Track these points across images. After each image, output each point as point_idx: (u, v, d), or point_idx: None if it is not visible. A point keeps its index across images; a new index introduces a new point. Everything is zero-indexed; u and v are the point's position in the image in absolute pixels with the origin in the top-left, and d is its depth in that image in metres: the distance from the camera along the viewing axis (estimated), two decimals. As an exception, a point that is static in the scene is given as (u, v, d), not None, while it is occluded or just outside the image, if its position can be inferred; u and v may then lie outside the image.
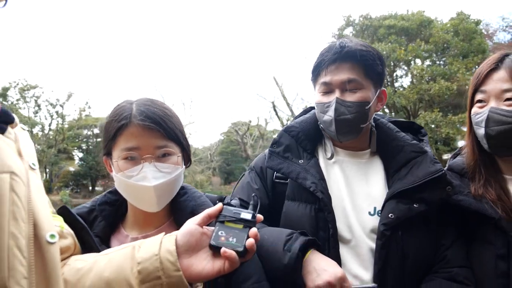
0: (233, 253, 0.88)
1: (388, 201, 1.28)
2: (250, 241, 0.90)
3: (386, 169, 1.39)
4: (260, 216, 0.97)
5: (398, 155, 1.36)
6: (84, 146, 33.89)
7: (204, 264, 0.89)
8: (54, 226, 0.84)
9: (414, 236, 1.25)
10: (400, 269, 1.22)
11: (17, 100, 32.64)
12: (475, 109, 1.32)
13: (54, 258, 0.79)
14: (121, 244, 1.11)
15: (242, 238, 0.91)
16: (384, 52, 16.90)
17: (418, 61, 18.70)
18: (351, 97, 1.33)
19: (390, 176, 1.36)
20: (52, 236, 0.80)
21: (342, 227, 1.29)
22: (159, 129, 1.11)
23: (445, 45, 17.21)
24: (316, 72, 1.41)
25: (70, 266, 0.94)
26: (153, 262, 0.87)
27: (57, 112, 32.23)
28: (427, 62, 18.74)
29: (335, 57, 1.35)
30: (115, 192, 1.25)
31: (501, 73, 1.27)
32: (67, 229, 1.00)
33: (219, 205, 0.97)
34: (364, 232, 1.28)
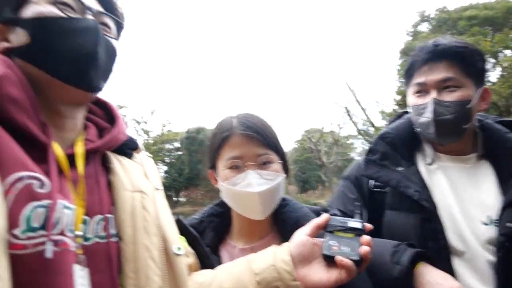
0: (350, 262, 0.87)
1: (506, 209, 1.16)
2: (365, 249, 0.89)
3: (498, 174, 1.27)
4: (369, 225, 0.96)
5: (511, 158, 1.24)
6: (167, 160, 36.00)
7: (320, 274, 0.90)
8: (179, 240, 0.91)
9: None
10: None
11: (108, 120, 35.84)
12: None
13: (182, 269, 0.86)
14: (230, 254, 1.17)
15: (354, 247, 0.90)
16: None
17: (508, 51, 17.02)
18: (449, 97, 1.25)
19: (504, 181, 1.24)
20: (179, 248, 0.87)
21: (453, 238, 1.20)
22: (259, 137, 1.15)
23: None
24: (409, 74, 1.36)
25: (192, 281, 1.00)
26: (270, 272, 0.90)
27: (142, 129, 34.79)
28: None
29: (429, 56, 1.29)
30: (221, 205, 1.30)
31: None
32: (189, 249, 1.08)
33: (326, 215, 0.97)
34: (479, 243, 1.18)
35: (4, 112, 0.71)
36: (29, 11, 0.79)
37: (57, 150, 0.77)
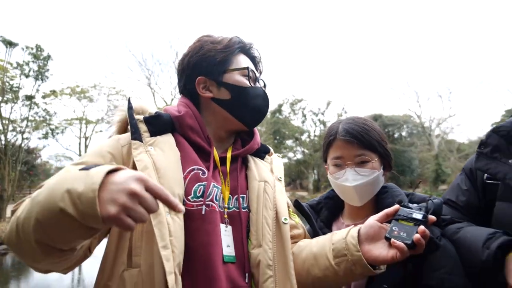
0: (402, 245, 1.07)
1: None
2: (417, 236, 1.07)
3: None
4: (432, 217, 1.12)
5: None
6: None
7: (380, 251, 1.13)
8: (287, 213, 1.29)
9: None
10: None
11: (289, 113, 38.32)
12: None
13: (286, 232, 1.24)
14: (339, 229, 1.47)
15: (411, 234, 1.08)
16: None
17: None
18: None
19: None
20: (285, 219, 1.25)
21: None
22: (356, 141, 1.40)
23: None
24: None
25: (296, 245, 1.35)
26: (341, 244, 1.19)
27: (319, 120, 36.02)
28: None
29: None
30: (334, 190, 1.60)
31: None
32: (300, 223, 1.42)
33: (396, 206, 1.17)
34: None
35: (186, 133, 1.25)
36: (230, 79, 1.30)
37: (215, 154, 1.27)
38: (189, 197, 1.14)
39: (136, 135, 1.16)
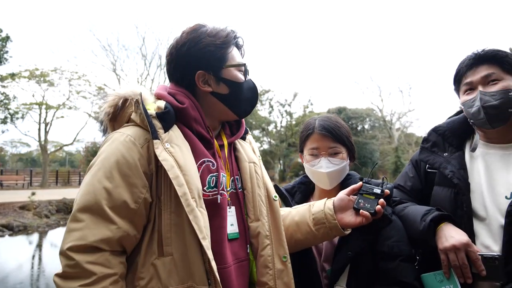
0: (367, 213, 1.41)
1: None
2: (378, 207, 1.42)
3: None
4: (387, 191, 1.46)
5: None
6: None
7: (350, 218, 1.47)
8: (275, 191, 1.54)
9: None
10: None
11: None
12: None
13: (277, 207, 1.50)
14: None
15: (373, 205, 1.43)
16: None
17: None
18: (492, 88, 1.55)
19: None
20: (276, 196, 1.51)
21: (478, 207, 1.54)
22: (331, 136, 1.71)
23: None
24: (457, 80, 1.69)
25: None
26: (320, 214, 1.50)
27: (286, 111, 36.52)
28: None
29: (471, 62, 1.62)
30: (307, 176, 1.90)
31: None
32: (276, 196, 1.66)
33: (360, 183, 1.50)
34: (500, 212, 1.49)
35: (190, 125, 1.32)
36: (228, 74, 1.37)
37: (216, 143, 1.38)
38: (205, 188, 1.27)
39: (155, 134, 1.21)
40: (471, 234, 1.51)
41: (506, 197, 1.51)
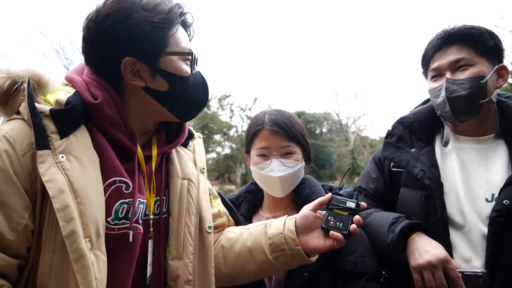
0: (340, 235, 1.05)
1: (505, 187, 1.19)
2: (354, 226, 1.06)
3: (511, 153, 1.28)
4: (363, 204, 1.11)
5: None
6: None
7: (317, 241, 1.09)
8: (211, 219, 1.16)
9: None
10: None
11: (217, 108, 38.09)
12: None
13: (210, 243, 1.12)
14: (259, 221, 1.41)
15: (347, 223, 1.07)
16: None
17: None
18: (462, 75, 1.28)
19: None
20: (210, 227, 1.13)
21: (454, 213, 1.26)
22: (283, 132, 1.36)
23: None
24: (424, 62, 1.41)
25: (224, 235, 1.25)
26: (279, 238, 1.12)
27: (246, 115, 36.34)
28: None
29: (440, 42, 1.34)
30: (255, 184, 1.55)
31: None
32: (223, 210, 1.32)
33: (329, 195, 1.14)
34: (480, 218, 1.22)
35: (103, 127, 0.96)
36: (168, 65, 1.00)
37: (140, 154, 1.02)
38: (109, 219, 0.93)
39: (42, 141, 0.85)
40: (448, 245, 1.23)
41: (486, 200, 1.24)
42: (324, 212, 1.12)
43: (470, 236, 1.23)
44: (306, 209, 1.15)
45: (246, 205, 1.52)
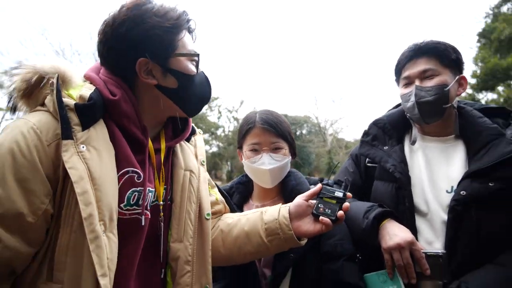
0: (328, 220, 1.10)
1: (463, 180, 1.28)
2: (341, 213, 1.11)
3: (468, 152, 1.37)
4: (349, 194, 1.16)
5: (478, 138, 1.33)
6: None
7: (308, 226, 1.14)
8: (210, 207, 1.19)
9: (490, 213, 1.22)
10: (473, 241, 1.22)
11: (206, 109, 37.94)
12: None
13: (208, 228, 1.16)
14: (249, 209, 1.46)
15: (335, 210, 1.13)
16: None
17: None
18: (429, 83, 1.37)
19: (471, 158, 1.34)
20: (208, 214, 1.17)
21: (420, 202, 1.35)
22: (273, 130, 1.42)
23: None
24: (397, 71, 1.49)
25: (223, 221, 1.29)
26: (274, 224, 1.16)
27: (233, 117, 36.32)
28: None
29: (411, 53, 1.42)
30: (246, 176, 1.60)
31: None
32: (220, 198, 1.35)
33: (319, 185, 1.19)
34: (441, 207, 1.31)
35: (120, 122, 1.00)
36: (177, 65, 1.04)
37: (151, 147, 1.06)
38: (122, 205, 0.96)
39: (67, 132, 0.88)
40: (414, 230, 1.32)
41: (447, 191, 1.33)
42: (315, 201, 1.17)
43: (432, 222, 1.31)
44: (300, 198, 1.20)
45: (238, 195, 1.58)
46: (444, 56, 1.37)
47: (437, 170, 1.39)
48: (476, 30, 19.46)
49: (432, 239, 1.30)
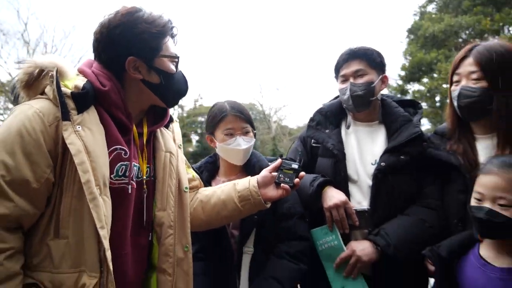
0: (288, 187, 1.42)
1: (383, 155, 1.69)
2: (297, 180, 1.44)
3: (387, 133, 1.79)
4: (302, 173, 1.48)
5: (394, 123, 1.75)
6: (199, 131, 37.05)
7: (272, 192, 1.44)
8: (187, 182, 1.43)
9: (401, 178, 1.65)
10: (389, 200, 1.64)
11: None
12: (452, 87, 1.62)
13: (186, 199, 1.41)
14: (217, 184, 1.74)
15: (292, 178, 1.44)
16: (467, 25, 15.23)
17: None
18: (360, 80, 1.75)
19: (389, 138, 1.76)
20: (186, 188, 1.41)
21: (352, 173, 1.74)
22: (243, 117, 1.72)
23: (539, 9, 14.78)
24: (336, 70, 1.86)
25: (201, 194, 1.55)
26: (246, 191, 1.44)
27: (178, 104, 35.57)
28: (519, 30, 16.30)
29: (347, 56, 1.79)
30: (213, 156, 1.90)
31: (469, 60, 1.55)
32: (196, 175, 1.60)
33: (280, 160, 1.49)
34: (367, 176, 1.71)
35: (109, 109, 1.19)
36: (161, 65, 1.25)
37: (135, 131, 1.27)
38: (112, 176, 1.16)
39: (66, 115, 1.07)
40: (347, 194, 1.70)
41: (371, 164, 1.73)
42: (276, 173, 1.47)
43: (361, 187, 1.71)
44: (265, 171, 1.48)
45: (206, 173, 1.85)
46: (372, 59, 1.76)
47: (365, 148, 1.79)
48: (406, 26, 21.18)
49: (360, 200, 1.70)
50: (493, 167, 1.28)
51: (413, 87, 18.46)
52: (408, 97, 17.83)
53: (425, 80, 17.38)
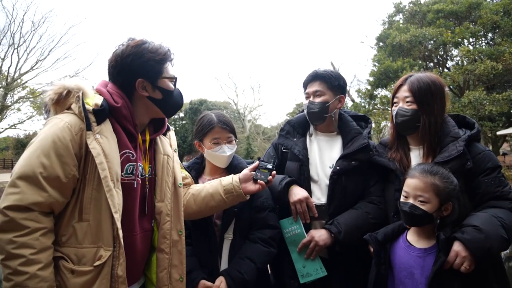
0: (263, 182, 1.77)
1: (338, 160, 2.08)
2: (270, 177, 1.79)
3: (342, 143, 2.18)
4: (274, 173, 1.82)
5: (348, 135, 2.15)
6: (173, 128, 36.63)
7: (251, 187, 1.78)
8: (181, 179, 1.74)
9: (351, 179, 2.03)
10: (343, 197, 2.02)
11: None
12: (393, 108, 2.02)
13: (180, 193, 1.70)
14: (203, 182, 2.05)
15: (267, 176, 1.79)
16: (431, 37, 16.20)
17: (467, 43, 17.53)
18: (317, 99, 2.11)
19: (344, 147, 2.15)
20: (180, 184, 1.72)
21: (313, 174, 2.11)
22: (227, 128, 2.04)
23: (494, 25, 16.00)
24: (303, 86, 2.23)
25: (193, 189, 1.87)
26: (230, 186, 1.78)
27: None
28: (476, 43, 17.51)
29: (310, 78, 2.17)
30: (199, 158, 2.22)
31: (404, 87, 1.96)
32: (188, 175, 1.94)
33: (257, 162, 1.85)
34: (326, 177, 2.08)
35: (120, 121, 1.46)
36: (163, 84, 1.54)
37: (140, 139, 1.53)
38: (122, 173, 1.43)
39: (89, 126, 1.34)
40: (309, 191, 2.07)
41: (329, 167, 2.11)
42: (254, 172, 1.81)
43: (320, 186, 2.08)
44: (246, 170, 1.80)
45: (194, 172, 2.17)
46: (330, 82, 2.13)
47: (325, 154, 2.17)
48: (376, 33, 22.05)
49: (319, 196, 2.08)
50: (416, 172, 1.69)
51: (380, 92, 19.32)
52: (377, 101, 18.67)
53: (392, 86, 18.26)
